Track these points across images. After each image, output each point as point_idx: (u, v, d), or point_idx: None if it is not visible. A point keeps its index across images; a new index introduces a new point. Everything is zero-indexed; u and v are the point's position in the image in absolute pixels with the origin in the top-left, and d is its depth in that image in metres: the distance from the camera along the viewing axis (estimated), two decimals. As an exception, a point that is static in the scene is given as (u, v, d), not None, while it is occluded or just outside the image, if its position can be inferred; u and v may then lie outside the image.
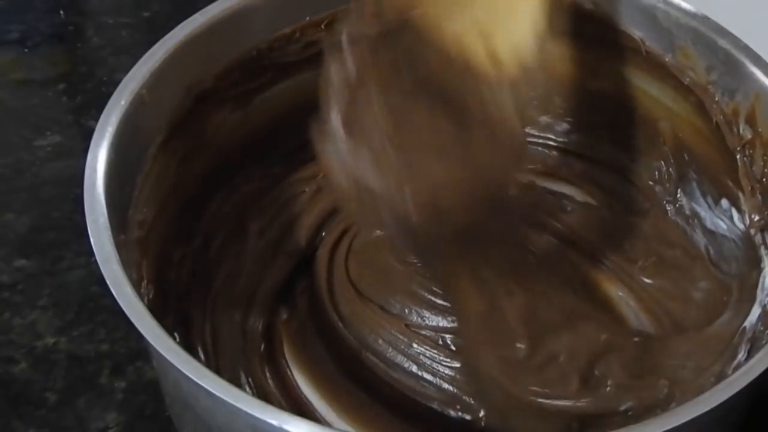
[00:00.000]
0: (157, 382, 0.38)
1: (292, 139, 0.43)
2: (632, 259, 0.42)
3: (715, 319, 0.37)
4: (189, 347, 0.36)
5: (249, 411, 0.27)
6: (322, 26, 0.41)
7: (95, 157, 0.33)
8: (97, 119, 0.34)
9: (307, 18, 0.40)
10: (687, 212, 0.42)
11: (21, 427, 0.38)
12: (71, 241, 0.44)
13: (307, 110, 0.43)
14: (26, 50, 0.54)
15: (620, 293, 0.41)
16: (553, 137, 0.45)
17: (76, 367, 0.40)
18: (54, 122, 0.50)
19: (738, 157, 0.38)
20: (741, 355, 0.34)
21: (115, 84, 0.35)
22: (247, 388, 0.37)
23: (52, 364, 0.40)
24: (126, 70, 0.36)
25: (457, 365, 0.37)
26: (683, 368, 0.35)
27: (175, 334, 0.36)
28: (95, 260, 0.30)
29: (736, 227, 0.39)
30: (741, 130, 0.37)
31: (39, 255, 0.44)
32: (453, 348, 0.37)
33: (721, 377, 0.34)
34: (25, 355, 0.40)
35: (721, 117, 0.38)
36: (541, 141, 0.45)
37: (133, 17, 0.56)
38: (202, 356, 0.37)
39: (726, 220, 0.40)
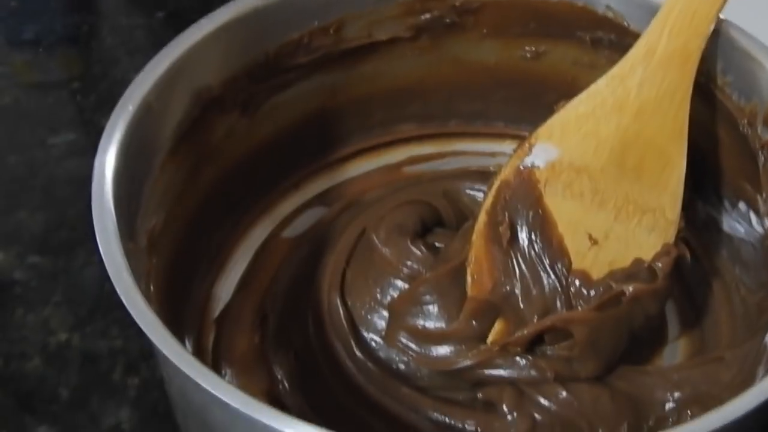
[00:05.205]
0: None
1: (301, 147, 0.43)
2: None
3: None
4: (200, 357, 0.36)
5: (267, 422, 0.26)
6: (331, 31, 0.41)
7: (103, 163, 0.33)
8: (111, 119, 0.34)
9: (316, 23, 0.40)
10: (703, 217, 0.42)
11: (33, 423, 0.38)
12: (85, 239, 0.44)
13: (316, 117, 0.44)
14: (41, 50, 0.54)
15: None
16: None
17: (90, 364, 0.40)
18: (68, 121, 0.50)
19: (757, 159, 0.37)
20: (761, 374, 0.33)
21: (130, 84, 0.35)
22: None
23: (65, 361, 0.40)
24: (140, 70, 0.36)
25: None
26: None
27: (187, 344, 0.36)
28: (108, 260, 0.30)
29: (755, 230, 0.39)
30: (759, 132, 0.37)
31: (53, 252, 0.44)
32: None
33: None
34: (38, 352, 0.40)
35: (739, 119, 0.38)
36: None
37: (147, 17, 0.56)
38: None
39: (744, 224, 0.39)
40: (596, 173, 0.37)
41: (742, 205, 0.39)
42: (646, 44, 0.37)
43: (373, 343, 0.38)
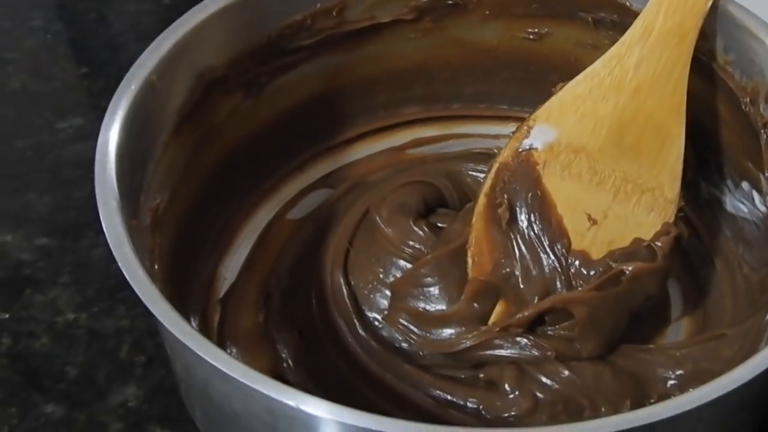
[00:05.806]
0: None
1: (305, 129, 0.43)
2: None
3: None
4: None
5: (267, 393, 0.27)
6: (334, 13, 0.41)
7: (106, 141, 0.33)
8: (118, 103, 0.34)
9: (318, 5, 0.40)
10: (706, 196, 0.42)
11: (42, 400, 0.38)
12: (92, 221, 0.43)
13: (319, 99, 0.44)
14: (49, 36, 0.55)
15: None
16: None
17: (96, 342, 0.40)
18: (76, 105, 0.51)
19: (759, 138, 0.37)
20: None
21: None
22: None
23: (72, 340, 0.40)
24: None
25: None
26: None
27: (192, 323, 0.36)
28: (114, 240, 0.31)
29: (758, 209, 0.39)
30: (761, 110, 0.37)
31: (60, 234, 0.44)
32: None
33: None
34: (46, 331, 0.41)
35: (741, 97, 0.38)
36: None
37: (154, 3, 0.56)
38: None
39: (747, 203, 0.39)
40: (594, 153, 0.37)
41: (744, 185, 0.39)
42: (642, 24, 0.37)
43: (376, 322, 0.38)
